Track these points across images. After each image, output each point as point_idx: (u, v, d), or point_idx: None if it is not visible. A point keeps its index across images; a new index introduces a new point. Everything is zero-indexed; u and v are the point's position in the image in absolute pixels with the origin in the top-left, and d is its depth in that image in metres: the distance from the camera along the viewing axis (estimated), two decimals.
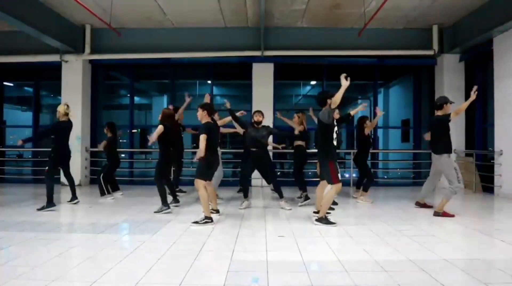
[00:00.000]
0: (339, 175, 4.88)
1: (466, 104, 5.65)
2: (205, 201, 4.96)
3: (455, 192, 5.52)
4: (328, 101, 4.84)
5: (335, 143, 4.92)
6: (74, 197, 6.44)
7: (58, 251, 3.67)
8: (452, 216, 5.42)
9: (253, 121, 6.14)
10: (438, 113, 5.79)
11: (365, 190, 6.71)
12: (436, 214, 5.51)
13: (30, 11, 7.36)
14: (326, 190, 5.04)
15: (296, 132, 6.41)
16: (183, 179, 8.19)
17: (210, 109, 5.20)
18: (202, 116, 5.14)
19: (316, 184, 5.68)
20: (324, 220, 4.88)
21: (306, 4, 7.83)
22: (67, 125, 6.26)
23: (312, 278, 2.97)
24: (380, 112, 6.82)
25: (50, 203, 5.90)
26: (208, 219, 4.92)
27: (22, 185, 9.48)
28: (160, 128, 5.65)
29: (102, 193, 6.95)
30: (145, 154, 11.94)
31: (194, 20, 8.77)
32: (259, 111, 6.23)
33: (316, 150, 5.75)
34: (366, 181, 6.76)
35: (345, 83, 4.55)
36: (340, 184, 4.88)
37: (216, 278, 2.98)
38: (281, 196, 6.16)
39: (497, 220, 5.84)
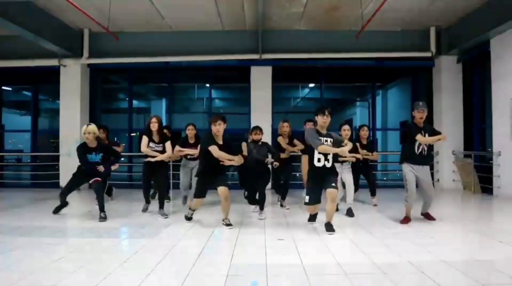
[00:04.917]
0: (307, 198, 4.73)
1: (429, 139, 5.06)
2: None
3: (406, 201, 5.14)
4: (317, 117, 4.68)
5: (317, 162, 4.62)
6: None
7: (57, 255, 3.66)
8: (406, 222, 5.14)
9: (252, 139, 5.78)
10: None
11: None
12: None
13: (29, 16, 7.38)
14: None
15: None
16: None
17: None
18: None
19: None
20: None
21: (303, 6, 7.86)
22: None
23: (312, 281, 2.96)
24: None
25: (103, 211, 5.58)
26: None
27: (21, 190, 9.47)
28: None
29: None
30: (144, 158, 11.91)
31: (192, 24, 8.79)
32: (257, 128, 5.77)
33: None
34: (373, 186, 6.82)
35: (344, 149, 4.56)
36: (307, 206, 4.81)
37: (215, 282, 2.98)
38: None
39: (496, 221, 5.84)
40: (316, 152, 4.59)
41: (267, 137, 7.08)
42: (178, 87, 12.70)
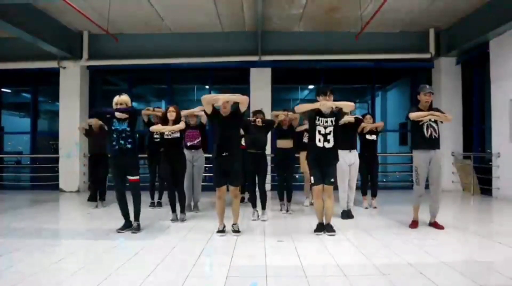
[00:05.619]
0: (312, 178, 4.58)
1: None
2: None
3: (415, 194, 4.98)
4: (319, 98, 4.66)
5: (318, 142, 4.51)
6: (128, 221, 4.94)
7: (57, 257, 3.66)
8: (414, 227, 4.95)
9: (253, 122, 5.51)
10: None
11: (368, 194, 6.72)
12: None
13: (28, 18, 7.39)
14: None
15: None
16: None
17: None
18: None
19: None
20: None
21: (303, 8, 7.87)
22: None
23: (311, 283, 2.96)
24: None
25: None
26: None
27: (20, 191, 9.46)
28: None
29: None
30: (144, 159, 11.90)
31: (191, 25, 8.79)
32: (259, 112, 5.59)
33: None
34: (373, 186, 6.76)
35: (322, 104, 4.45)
36: (314, 187, 4.60)
37: (215, 283, 2.98)
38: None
39: (495, 222, 5.84)
40: (316, 133, 4.52)
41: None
42: (178, 88, 12.68)
